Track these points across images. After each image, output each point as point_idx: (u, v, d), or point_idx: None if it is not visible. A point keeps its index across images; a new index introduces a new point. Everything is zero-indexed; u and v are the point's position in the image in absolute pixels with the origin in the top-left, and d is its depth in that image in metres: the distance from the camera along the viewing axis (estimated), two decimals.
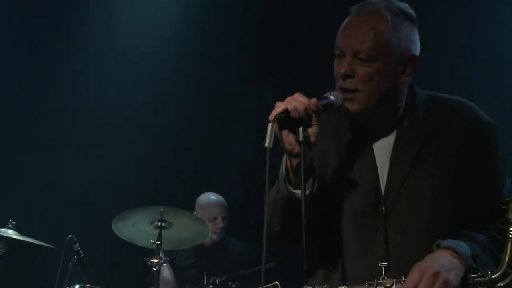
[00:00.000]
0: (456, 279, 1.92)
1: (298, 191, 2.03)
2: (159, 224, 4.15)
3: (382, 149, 2.15)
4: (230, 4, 5.97)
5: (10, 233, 4.32)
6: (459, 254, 1.95)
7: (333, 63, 2.15)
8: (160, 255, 4.12)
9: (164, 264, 4.16)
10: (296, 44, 5.77)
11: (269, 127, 1.95)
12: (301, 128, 1.99)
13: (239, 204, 5.56)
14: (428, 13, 4.97)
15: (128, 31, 6.04)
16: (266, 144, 1.92)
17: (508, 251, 1.92)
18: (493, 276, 1.93)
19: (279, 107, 1.99)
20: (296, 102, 2.00)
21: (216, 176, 5.81)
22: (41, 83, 5.90)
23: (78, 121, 5.91)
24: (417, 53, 2.12)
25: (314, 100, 2.02)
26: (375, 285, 1.99)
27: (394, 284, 1.97)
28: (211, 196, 5.05)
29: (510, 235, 1.91)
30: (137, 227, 4.23)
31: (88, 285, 4.18)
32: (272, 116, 1.97)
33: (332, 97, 2.07)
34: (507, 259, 1.92)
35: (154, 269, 4.08)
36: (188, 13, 6.05)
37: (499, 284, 1.93)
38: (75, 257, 4.37)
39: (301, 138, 1.99)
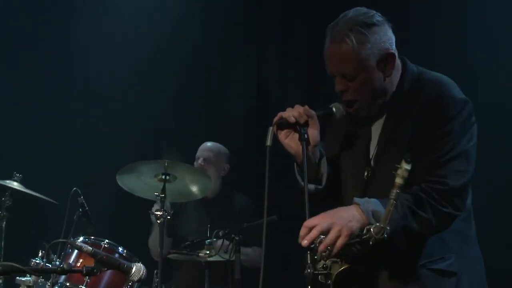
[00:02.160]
0: (351, 229, 2.28)
1: (311, 186, 2.52)
2: (163, 177, 4.19)
3: (377, 126, 2.57)
4: None
5: (15, 185, 4.36)
6: (362, 210, 2.31)
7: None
8: (165, 207, 4.17)
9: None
10: (297, 2, 5.74)
11: (270, 130, 2.44)
12: (301, 129, 2.46)
13: (239, 158, 5.59)
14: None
15: None
16: (267, 143, 2.42)
17: (387, 209, 2.20)
18: (373, 230, 2.23)
19: (278, 115, 2.48)
20: (292, 111, 2.48)
21: (217, 131, 5.83)
22: (41, 37, 5.88)
23: (80, 77, 5.91)
24: (392, 46, 2.48)
25: (306, 106, 2.49)
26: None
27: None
28: (207, 142, 5.15)
29: (392, 197, 2.18)
30: (141, 180, 4.27)
31: (92, 237, 4.22)
32: (273, 122, 2.47)
33: (334, 109, 2.53)
34: (384, 216, 2.21)
35: (158, 222, 4.13)
36: None
37: (377, 236, 2.22)
38: (80, 209, 4.40)
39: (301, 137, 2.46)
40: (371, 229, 2.23)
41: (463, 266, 2.46)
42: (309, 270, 2.22)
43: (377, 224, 2.23)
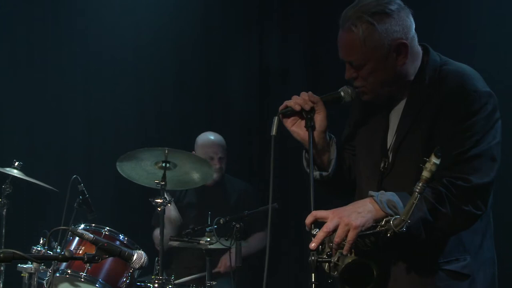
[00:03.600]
0: (361, 219, 2.20)
1: (315, 173, 2.52)
2: (164, 165, 4.19)
3: (395, 114, 2.50)
4: None
5: (16, 172, 4.36)
6: (375, 201, 2.25)
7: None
8: (165, 195, 4.18)
9: (169, 204, 4.21)
10: None
11: (275, 120, 2.44)
12: (308, 116, 2.46)
13: (240, 145, 5.59)
14: None
15: None
16: (272, 133, 2.42)
17: (410, 202, 2.12)
18: (392, 222, 2.16)
19: (284, 104, 2.48)
20: (297, 98, 2.48)
21: (218, 117, 5.83)
22: (40, 24, 5.85)
23: (81, 65, 5.88)
24: (408, 34, 2.39)
25: (310, 92, 2.50)
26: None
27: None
28: (209, 136, 5.08)
29: (417, 190, 2.12)
30: (141, 168, 4.28)
31: (93, 225, 4.23)
32: (279, 111, 2.48)
33: (342, 93, 2.52)
34: (406, 208, 2.14)
35: (159, 209, 4.14)
36: None
37: (397, 229, 2.14)
38: (80, 197, 4.40)
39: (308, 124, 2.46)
40: (391, 221, 2.16)
41: (478, 268, 2.39)
42: (313, 258, 2.19)
43: (397, 216, 2.16)
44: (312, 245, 2.21)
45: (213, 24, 5.93)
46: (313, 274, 2.19)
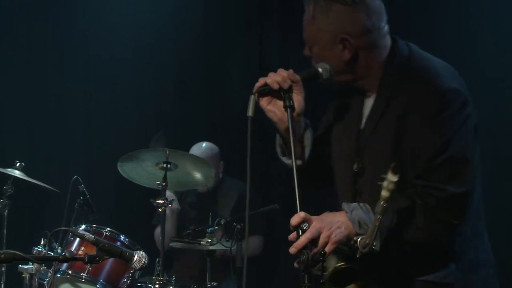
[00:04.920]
0: (340, 235, 2.14)
1: (288, 162, 2.36)
2: (165, 165, 4.19)
3: (367, 111, 2.35)
4: None
5: (17, 173, 4.36)
6: (349, 218, 2.16)
7: None
8: (167, 195, 4.18)
9: (170, 205, 4.21)
10: None
11: (251, 99, 2.28)
12: (286, 95, 2.28)
13: (239, 145, 5.58)
14: None
15: None
16: (248, 114, 2.26)
17: (372, 225, 2.04)
18: (359, 243, 2.10)
19: (260, 81, 2.31)
20: (275, 76, 2.29)
21: (218, 117, 5.82)
22: (40, 21, 5.85)
23: (81, 66, 5.88)
24: (357, 32, 2.24)
25: (290, 71, 2.30)
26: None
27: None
28: (198, 150, 5.03)
29: (378, 211, 2.01)
30: (142, 168, 4.27)
31: (94, 225, 4.23)
32: (254, 89, 2.32)
33: (320, 69, 2.33)
34: (370, 231, 2.06)
35: (160, 210, 4.14)
36: None
37: (364, 250, 2.08)
38: (81, 198, 4.40)
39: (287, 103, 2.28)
40: (358, 241, 2.10)
41: (463, 274, 2.23)
42: (304, 257, 2.11)
43: (364, 237, 2.07)
44: (292, 249, 2.12)
45: (213, 24, 5.92)
46: (306, 276, 2.10)
